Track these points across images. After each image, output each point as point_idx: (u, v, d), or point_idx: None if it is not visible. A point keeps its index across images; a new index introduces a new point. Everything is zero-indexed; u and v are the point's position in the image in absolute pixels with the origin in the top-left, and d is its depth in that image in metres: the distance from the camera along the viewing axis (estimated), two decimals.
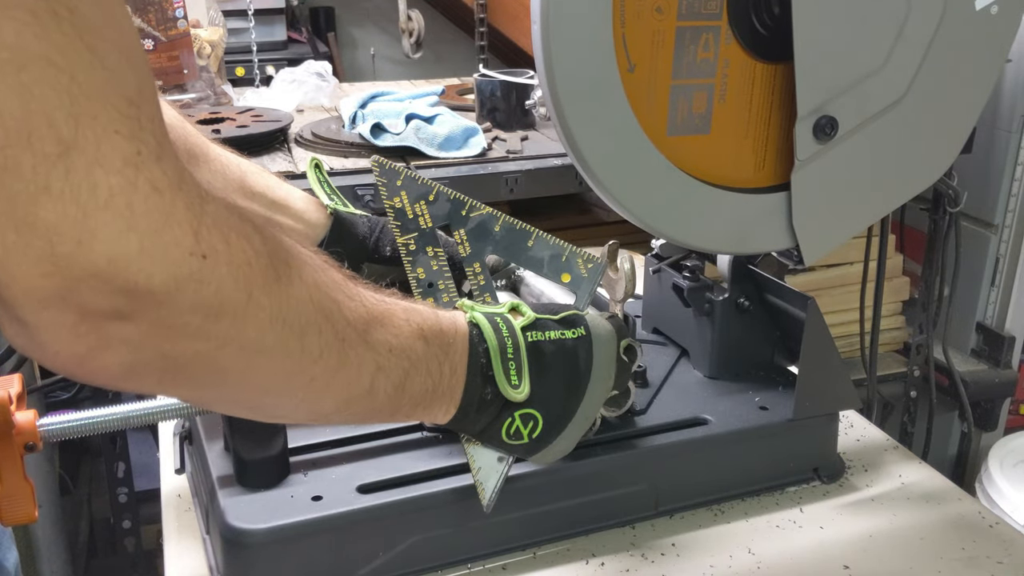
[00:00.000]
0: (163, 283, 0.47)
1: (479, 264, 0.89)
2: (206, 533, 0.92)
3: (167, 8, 2.11)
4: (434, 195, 0.90)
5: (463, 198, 0.91)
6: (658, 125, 0.90)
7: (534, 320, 0.77)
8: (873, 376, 1.80)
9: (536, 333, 0.77)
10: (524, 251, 0.89)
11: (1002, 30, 0.98)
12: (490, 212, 0.90)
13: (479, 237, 0.89)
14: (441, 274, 0.89)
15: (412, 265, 0.89)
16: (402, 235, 0.89)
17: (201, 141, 0.95)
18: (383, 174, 0.90)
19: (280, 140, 1.94)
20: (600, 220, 2.13)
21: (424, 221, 0.90)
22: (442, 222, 0.90)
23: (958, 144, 1.03)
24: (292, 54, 3.74)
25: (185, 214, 0.48)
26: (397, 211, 0.90)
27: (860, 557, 0.92)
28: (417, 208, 0.90)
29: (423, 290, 0.88)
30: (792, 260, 1.04)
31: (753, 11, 0.92)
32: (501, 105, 2.01)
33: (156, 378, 0.52)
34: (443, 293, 0.88)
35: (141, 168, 0.46)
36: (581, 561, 0.91)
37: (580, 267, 0.88)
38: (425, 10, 2.75)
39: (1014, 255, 2.06)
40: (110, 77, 0.45)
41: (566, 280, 0.88)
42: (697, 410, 1.01)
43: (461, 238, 0.90)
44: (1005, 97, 1.97)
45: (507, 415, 0.75)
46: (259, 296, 0.53)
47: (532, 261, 0.89)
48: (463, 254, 0.89)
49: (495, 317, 0.75)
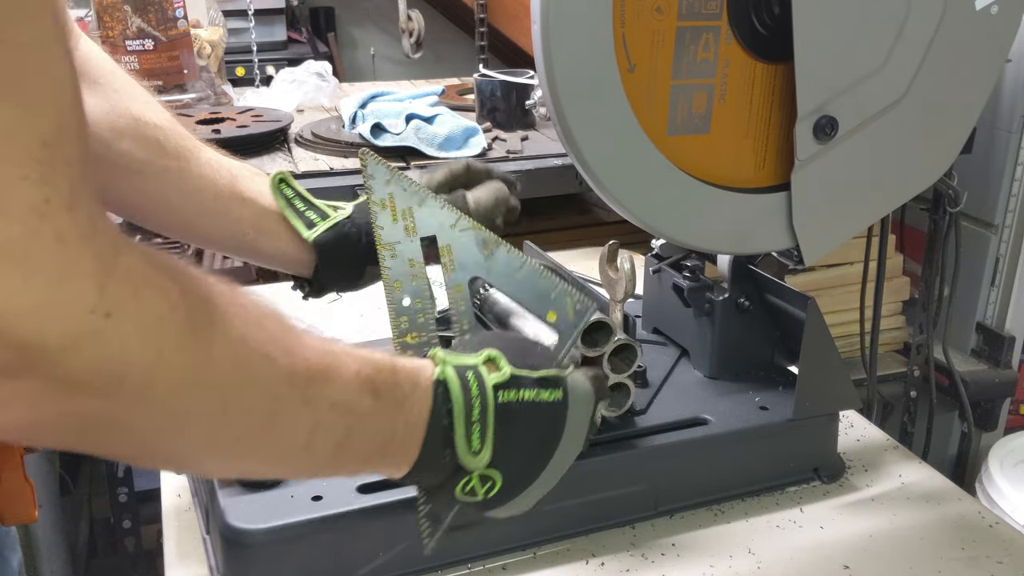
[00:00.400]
0: (58, 341, 0.44)
1: (461, 286, 0.83)
2: (206, 533, 0.92)
3: (167, 8, 2.11)
4: (425, 203, 0.83)
5: (455, 211, 0.84)
6: (658, 125, 0.90)
7: (509, 378, 0.69)
8: (873, 376, 1.80)
9: (510, 393, 0.69)
10: (512, 279, 0.82)
11: (1002, 30, 0.98)
12: (481, 231, 0.83)
13: (465, 257, 0.83)
14: (419, 292, 0.82)
15: (390, 276, 0.82)
16: (383, 241, 0.82)
17: (192, 144, 0.91)
18: (371, 169, 0.83)
19: (280, 140, 1.94)
20: (600, 220, 2.13)
21: (409, 230, 0.83)
22: (429, 234, 0.83)
23: (958, 144, 1.03)
24: (292, 54, 3.74)
25: (92, 266, 0.44)
26: (381, 214, 0.83)
27: (860, 557, 0.92)
28: (404, 214, 0.83)
29: (396, 307, 0.82)
30: (792, 260, 1.04)
31: (753, 11, 0.92)
32: (501, 105, 2.01)
33: (63, 436, 0.50)
34: (419, 313, 0.81)
35: (47, 217, 0.43)
36: (581, 561, 0.91)
37: (568, 308, 0.81)
38: (425, 10, 2.75)
39: (1014, 255, 2.06)
40: (22, 116, 0.42)
41: (551, 319, 0.81)
42: (697, 410, 1.01)
43: (446, 255, 0.83)
44: (1005, 97, 1.97)
45: (464, 475, 0.69)
46: (171, 355, 0.49)
47: (519, 291, 0.82)
48: (445, 271, 0.83)
49: (466, 372, 0.68)
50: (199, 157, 0.90)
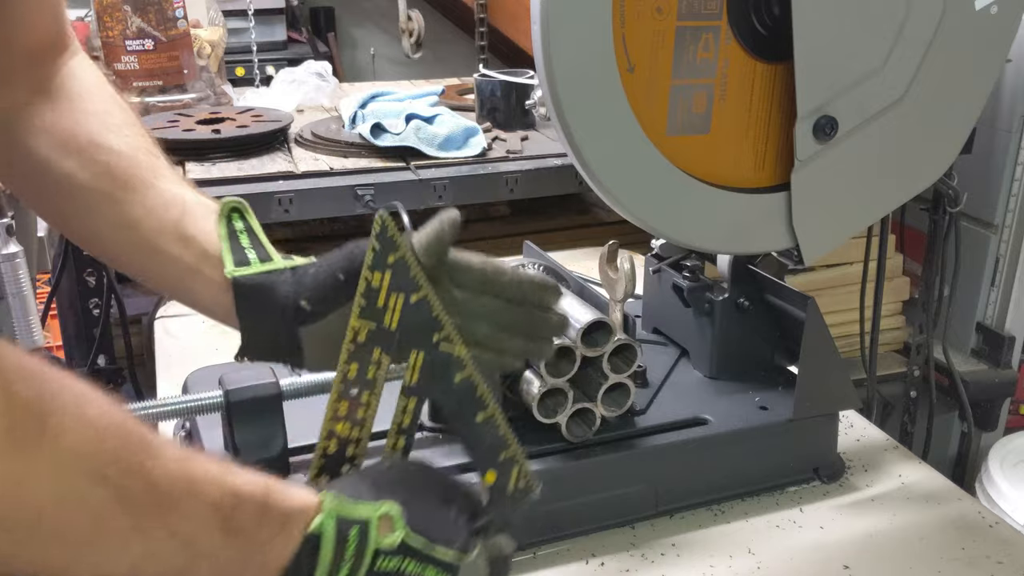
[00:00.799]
0: None
1: (415, 402, 0.74)
2: None
3: (167, 8, 2.11)
4: (419, 297, 0.73)
5: (444, 321, 0.74)
6: (658, 125, 0.90)
7: (399, 544, 0.62)
8: (873, 376, 1.80)
9: (391, 561, 0.62)
10: (469, 420, 0.74)
11: (1002, 30, 0.98)
12: (462, 357, 0.74)
13: (434, 376, 0.74)
14: (371, 386, 0.74)
15: (349, 358, 0.73)
16: (359, 318, 0.73)
17: (148, 175, 0.81)
18: (381, 241, 0.72)
19: (280, 140, 1.93)
20: (600, 220, 2.12)
21: (391, 319, 0.73)
22: (410, 332, 0.74)
23: (958, 144, 1.03)
24: (292, 54, 3.74)
25: None
26: (369, 289, 0.73)
27: (860, 557, 0.92)
28: (392, 300, 0.73)
29: (342, 391, 0.73)
30: (792, 260, 1.04)
31: (753, 11, 0.92)
32: (501, 105, 2.01)
33: None
34: (363, 407, 0.74)
35: None
36: (581, 561, 0.91)
37: (512, 478, 0.74)
38: (425, 10, 2.75)
39: (1014, 255, 2.06)
40: None
41: (489, 480, 0.73)
42: (697, 410, 1.01)
43: (413, 365, 0.74)
44: (1005, 97, 1.97)
45: None
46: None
47: (471, 433, 0.74)
48: (406, 382, 0.74)
49: (350, 529, 0.61)
50: (151, 189, 0.81)
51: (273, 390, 0.85)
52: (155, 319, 1.47)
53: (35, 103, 0.81)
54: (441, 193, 1.73)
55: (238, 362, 0.79)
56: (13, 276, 1.47)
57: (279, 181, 1.71)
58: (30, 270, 1.55)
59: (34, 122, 0.81)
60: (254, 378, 0.84)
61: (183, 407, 0.85)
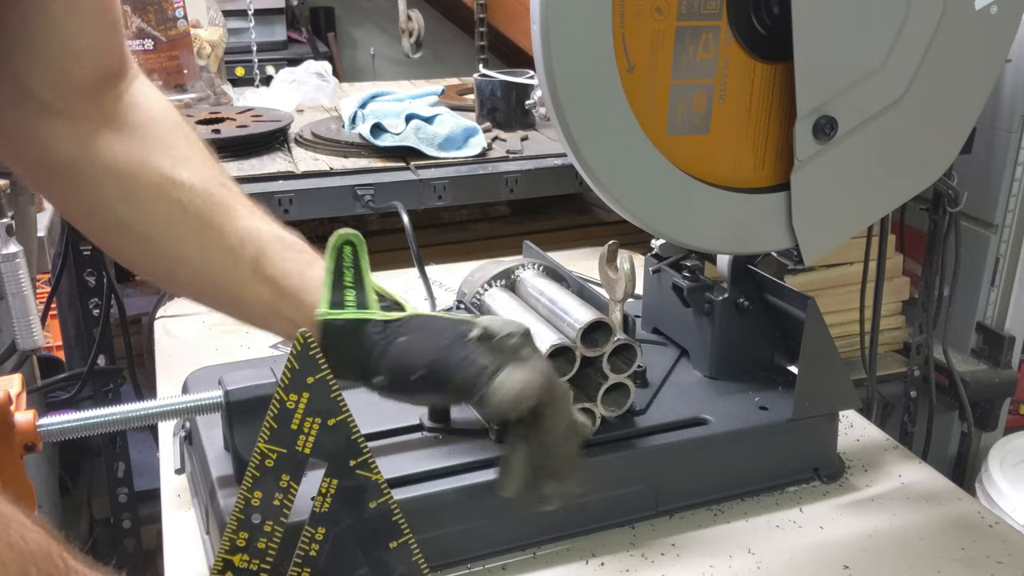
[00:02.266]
0: None
1: (324, 530, 0.70)
2: (206, 533, 0.92)
3: (167, 8, 2.11)
4: (337, 421, 0.69)
5: (363, 446, 0.71)
6: (658, 125, 0.90)
7: None
8: (873, 376, 1.80)
9: None
10: (381, 549, 0.72)
11: (1002, 30, 0.98)
12: (379, 482, 0.70)
13: (347, 503, 0.71)
14: (276, 515, 0.70)
15: (253, 484, 0.69)
16: (267, 443, 0.68)
17: (221, 211, 0.81)
18: (301, 361, 0.69)
19: (280, 140, 1.93)
20: (600, 220, 2.13)
21: (304, 443, 0.69)
22: (323, 459, 0.70)
23: (958, 144, 1.03)
24: (292, 54, 3.74)
25: None
26: (282, 411, 0.69)
27: (860, 557, 0.92)
28: (307, 424, 0.69)
29: (242, 520, 0.70)
30: (792, 260, 1.04)
31: (753, 11, 0.92)
32: (501, 105, 2.01)
33: None
34: (265, 538, 0.70)
35: None
36: (581, 561, 0.91)
37: None
38: (425, 10, 2.75)
39: (1014, 255, 2.06)
40: None
41: None
42: (697, 410, 1.01)
43: (325, 491, 0.71)
44: (1005, 97, 1.97)
45: None
46: None
47: (377, 565, 0.72)
48: (316, 508, 0.71)
49: None
50: (227, 227, 0.81)
51: (273, 390, 0.84)
52: (155, 319, 1.48)
53: (101, 137, 0.79)
54: (441, 193, 1.73)
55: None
56: (13, 276, 1.47)
57: (279, 181, 1.71)
58: (30, 270, 1.55)
59: (103, 159, 0.79)
60: (254, 378, 0.84)
61: (183, 407, 0.85)
